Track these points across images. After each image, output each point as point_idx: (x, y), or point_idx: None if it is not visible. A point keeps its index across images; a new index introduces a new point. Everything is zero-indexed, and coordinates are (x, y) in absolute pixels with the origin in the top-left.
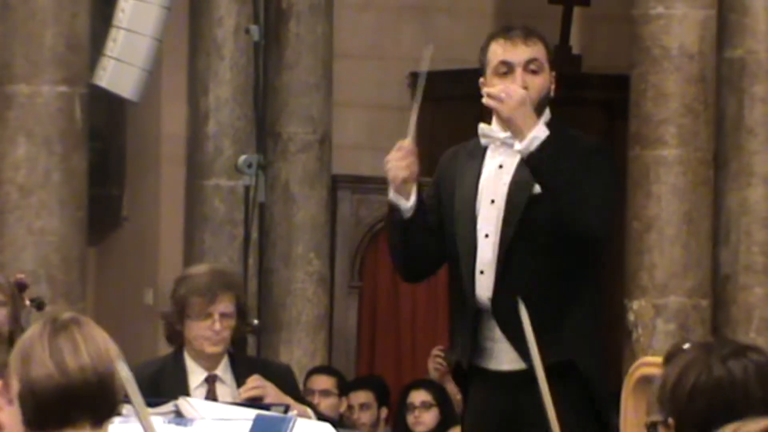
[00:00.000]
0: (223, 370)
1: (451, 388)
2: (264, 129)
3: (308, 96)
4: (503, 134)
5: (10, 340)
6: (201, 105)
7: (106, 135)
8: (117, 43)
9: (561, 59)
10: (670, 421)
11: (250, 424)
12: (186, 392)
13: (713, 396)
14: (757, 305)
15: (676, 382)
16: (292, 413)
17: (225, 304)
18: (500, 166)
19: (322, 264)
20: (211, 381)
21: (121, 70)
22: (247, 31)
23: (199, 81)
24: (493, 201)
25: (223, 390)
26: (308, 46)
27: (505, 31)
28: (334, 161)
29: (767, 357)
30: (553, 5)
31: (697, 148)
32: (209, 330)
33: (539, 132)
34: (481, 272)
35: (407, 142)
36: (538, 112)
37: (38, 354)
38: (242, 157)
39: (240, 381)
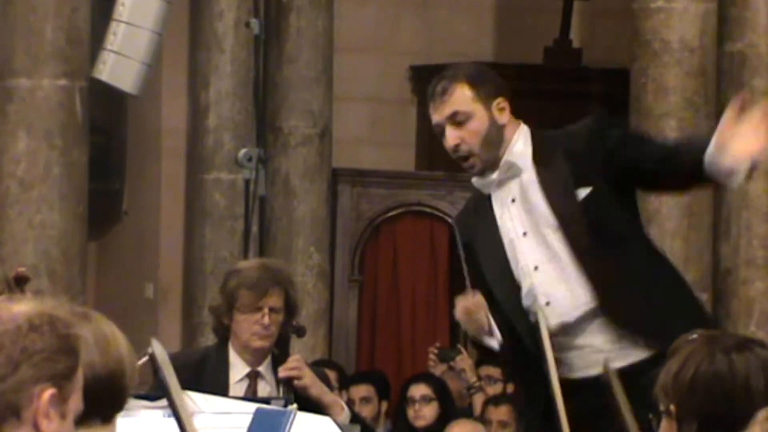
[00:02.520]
0: (265, 368)
1: (453, 384)
2: (264, 123)
3: (309, 90)
4: (495, 175)
5: None
6: (201, 99)
7: (107, 129)
8: (117, 36)
9: (561, 53)
10: (672, 407)
11: (250, 417)
12: (226, 385)
13: (713, 386)
14: (758, 299)
15: (678, 370)
16: (291, 407)
17: (274, 299)
18: (513, 200)
19: (322, 258)
20: (253, 377)
21: (121, 64)
22: (248, 25)
23: (199, 75)
24: (524, 234)
25: (264, 388)
26: (309, 39)
27: (428, 93)
28: (335, 155)
29: None
30: None
31: None
32: (257, 324)
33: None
34: (547, 303)
35: (468, 302)
36: (495, 143)
37: None
38: (242, 151)
39: (280, 381)
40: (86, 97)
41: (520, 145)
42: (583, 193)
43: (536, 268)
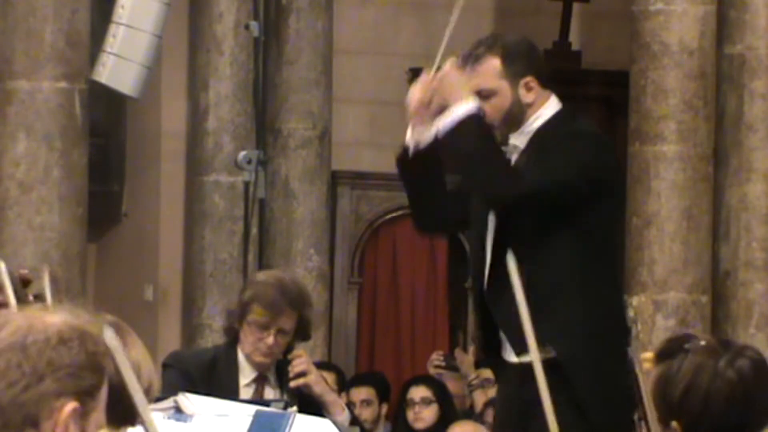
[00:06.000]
0: (272, 372)
1: (452, 386)
2: (264, 125)
3: (308, 92)
4: (511, 142)
5: None
6: (201, 101)
7: (106, 131)
8: (117, 39)
9: (560, 55)
10: (674, 424)
11: (250, 420)
12: (236, 387)
13: (728, 401)
14: (757, 301)
15: (687, 387)
16: (291, 409)
17: (285, 321)
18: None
19: (321, 260)
20: (260, 381)
21: (120, 67)
22: (247, 27)
23: (199, 77)
24: None
25: (270, 393)
26: (308, 41)
27: (463, 54)
28: (334, 157)
29: (758, 353)
30: (553, 1)
31: (696, 144)
32: (262, 342)
33: (460, 110)
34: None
35: (427, 74)
36: (516, 121)
37: None
38: (242, 153)
39: (283, 386)
40: (86, 100)
41: (536, 124)
42: None
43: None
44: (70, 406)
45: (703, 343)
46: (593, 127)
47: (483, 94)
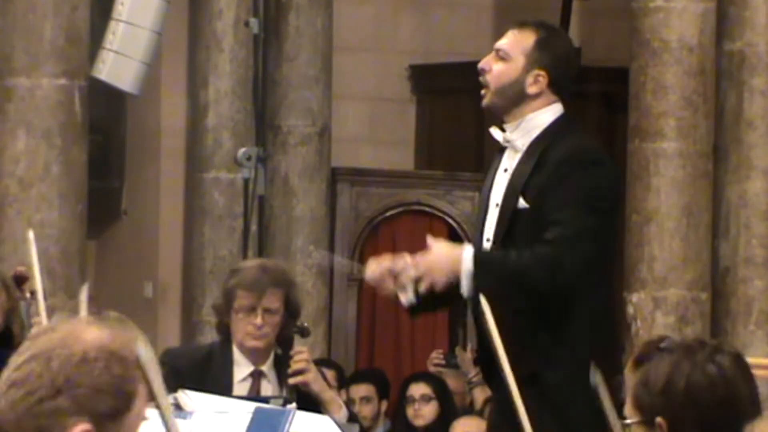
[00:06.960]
0: (268, 367)
1: (452, 383)
2: (263, 122)
3: (308, 89)
4: (500, 136)
5: (7, 333)
6: (201, 98)
7: (106, 128)
8: (116, 36)
9: None
10: (659, 420)
11: (249, 416)
12: (230, 384)
13: (710, 394)
14: (757, 298)
15: (666, 382)
16: (290, 406)
17: (270, 300)
18: (505, 170)
19: (321, 257)
20: (256, 376)
21: (120, 63)
22: (247, 24)
23: (198, 74)
24: (497, 205)
25: (267, 387)
26: (308, 38)
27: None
28: (334, 154)
29: (737, 351)
30: None
31: (696, 140)
32: (251, 324)
33: (466, 266)
34: None
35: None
36: (510, 100)
37: None
38: (242, 150)
39: (282, 382)
40: (85, 96)
41: (531, 124)
42: (521, 204)
43: (488, 240)
44: (81, 427)
45: (678, 342)
46: (593, 143)
47: (499, 54)
